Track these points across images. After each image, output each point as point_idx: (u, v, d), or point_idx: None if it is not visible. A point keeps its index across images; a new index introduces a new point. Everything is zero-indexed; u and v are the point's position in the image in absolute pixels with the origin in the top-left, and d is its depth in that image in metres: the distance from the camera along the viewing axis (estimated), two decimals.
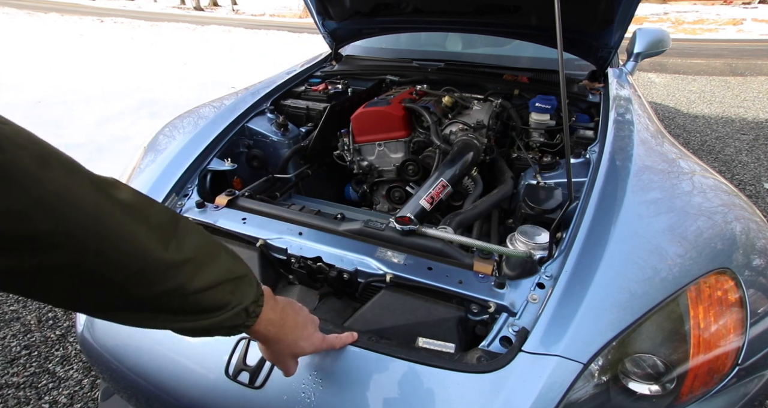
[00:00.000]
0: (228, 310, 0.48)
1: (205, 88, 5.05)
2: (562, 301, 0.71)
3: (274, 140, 1.45)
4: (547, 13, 1.45)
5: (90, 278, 0.37)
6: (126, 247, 0.38)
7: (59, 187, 0.34)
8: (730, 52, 9.12)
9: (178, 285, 0.43)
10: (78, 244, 0.35)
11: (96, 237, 0.36)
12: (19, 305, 1.78)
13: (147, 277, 0.40)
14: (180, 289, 0.43)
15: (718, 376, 0.69)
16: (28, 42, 7.74)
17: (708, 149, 3.70)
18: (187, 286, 0.43)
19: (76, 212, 0.35)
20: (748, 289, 0.74)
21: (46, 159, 0.34)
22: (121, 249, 0.38)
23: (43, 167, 0.33)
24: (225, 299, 0.48)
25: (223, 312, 0.48)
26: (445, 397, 0.65)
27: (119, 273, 0.38)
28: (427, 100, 1.54)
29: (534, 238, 0.87)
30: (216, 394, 0.72)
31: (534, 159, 1.29)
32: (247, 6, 21.89)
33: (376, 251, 0.89)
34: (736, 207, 0.92)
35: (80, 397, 1.40)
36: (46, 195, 0.33)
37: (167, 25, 12.21)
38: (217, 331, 0.49)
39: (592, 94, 1.58)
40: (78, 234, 0.35)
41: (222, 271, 0.48)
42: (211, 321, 0.47)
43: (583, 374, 0.64)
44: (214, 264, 0.47)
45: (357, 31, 1.93)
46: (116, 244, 0.38)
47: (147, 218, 0.41)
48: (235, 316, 0.49)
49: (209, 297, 0.46)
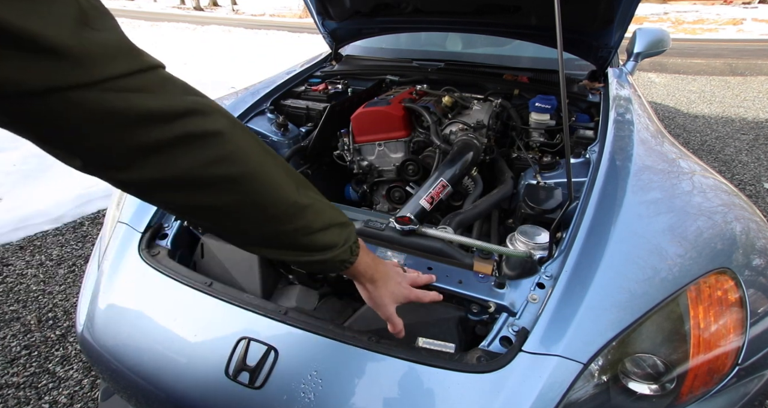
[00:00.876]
0: (339, 247, 0.58)
1: (205, 88, 5.03)
2: (562, 301, 0.71)
3: (274, 140, 1.45)
4: (547, 13, 1.45)
5: (257, 212, 0.49)
6: (280, 190, 0.50)
7: (243, 143, 0.46)
8: (730, 52, 9.12)
9: (305, 224, 0.53)
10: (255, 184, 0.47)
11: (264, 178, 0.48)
12: (19, 305, 1.78)
13: (289, 215, 0.51)
14: (306, 227, 0.53)
15: (718, 376, 0.69)
16: None
17: (708, 149, 3.70)
18: (311, 225, 0.54)
19: (253, 162, 0.47)
20: (748, 289, 0.74)
21: (234, 122, 0.46)
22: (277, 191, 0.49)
23: (233, 128, 0.45)
24: (335, 239, 0.58)
25: (335, 249, 0.58)
26: (445, 397, 0.65)
27: (275, 209, 0.50)
28: (427, 100, 1.54)
29: (534, 238, 0.87)
30: (216, 394, 0.72)
31: (534, 159, 1.29)
32: (247, 6, 21.89)
33: (376, 251, 0.89)
34: (736, 207, 0.92)
35: (80, 397, 1.40)
36: (236, 149, 0.45)
37: (167, 25, 12.22)
38: (330, 264, 0.59)
39: (592, 94, 1.57)
40: (256, 177, 0.47)
41: (332, 216, 0.58)
42: (327, 256, 0.57)
43: (583, 374, 0.64)
44: (326, 211, 0.57)
45: (357, 31, 1.93)
46: (275, 187, 0.49)
47: (286, 169, 0.53)
48: (343, 252, 0.59)
49: (325, 236, 0.56)
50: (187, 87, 0.43)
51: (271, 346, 0.73)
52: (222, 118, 0.44)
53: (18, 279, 1.94)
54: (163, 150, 0.40)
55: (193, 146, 0.41)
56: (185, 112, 0.40)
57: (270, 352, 0.72)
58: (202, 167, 0.42)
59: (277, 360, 0.72)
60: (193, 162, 0.41)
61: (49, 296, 1.84)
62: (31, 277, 1.95)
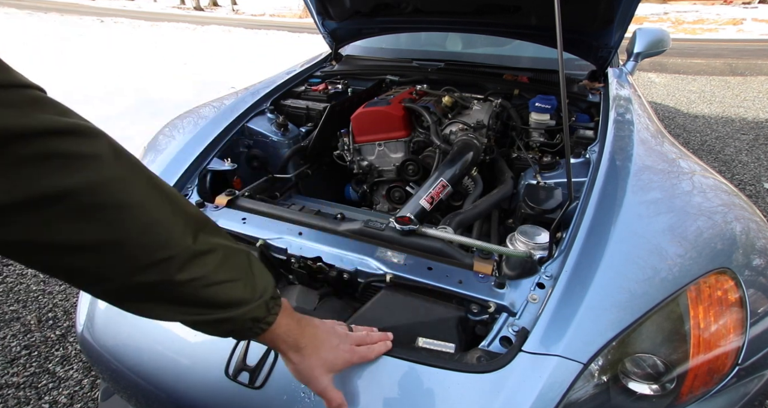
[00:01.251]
0: (250, 302, 0.50)
1: (205, 88, 5.05)
2: (562, 301, 0.71)
3: (274, 140, 1.45)
4: (547, 13, 1.45)
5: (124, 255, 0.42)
6: (164, 231, 0.44)
7: (126, 173, 0.42)
8: (730, 52, 9.12)
9: (204, 274, 0.46)
10: (128, 219, 0.41)
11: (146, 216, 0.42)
12: (19, 305, 1.78)
13: (181, 261, 0.44)
14: (204, 278, 0.46)
15: (718, 376, 0.69)
16: (28, 42, 7.73)
17: (708, 149, 3.70)
18: (210, 276, 0.47)
19: (136, 195, 0.42)
20: (748, 289, 0.74)
21: (119, 151, 0.42)
22: (160, 232, 0.43)
23: (117, 156, 0.41)
24: (245, 294, 0.50)
25: (245, 305, 0.50)
26: (445, 397, 0.65)
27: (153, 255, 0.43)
28: (427, 100, 1.54)
29: (534, 238, 0.87)
30: (216, 394, 0.72)
31: (534, 159, 1.29)
32: (247, 6, 21.89)
33: (376, 251, 0.89)
34: (736, 207, 0.92)
35: (80, 397, 1.40)
36: (115, 177, 0.40)
37: (167, 25, 12.22)
38: (239, 323, 0.50)
39: (592, 94, 1.57)
40: (134, 212, 0.41)
41: (243, 267, 0.51)
42: (233, 313, 0.49)
43: (583, 374, 0.64)
44: (236, 261, 0.50)
45: (357, 31, 1.93)
46: (160, 227, 0.43)
47: (183, 212, 0.47)
48: (257, 308, 0.51)
49: (232, 289, 0.49)
50: (68, 111, 0.40)
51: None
52: (104, 145, 0.40)
53: (18, 279, 1.94)
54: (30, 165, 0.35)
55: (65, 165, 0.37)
56: (61, 131, 0.37)
57: (270, 352, 0.72)
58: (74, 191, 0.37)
59: (277, 360, 0.72)
60: (62, 182, 0.36)
61: (49, 296, 1.84)
62: (31, 277, 1.95)
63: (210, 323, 0.49)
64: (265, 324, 0.53)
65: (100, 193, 0.39)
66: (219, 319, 0.49)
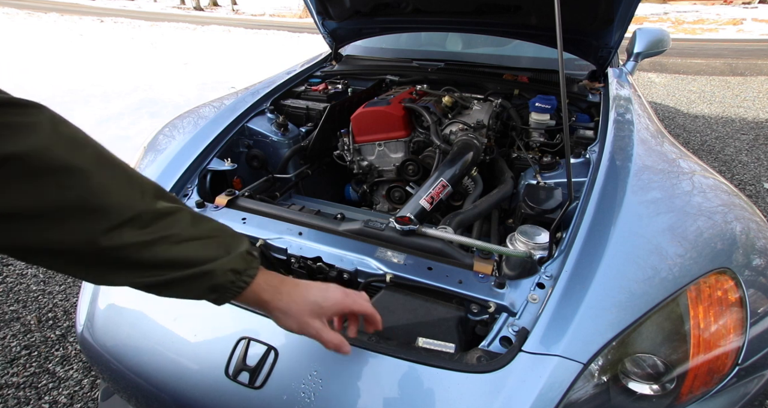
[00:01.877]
0: (227, 255, 0.49)
1: (205, 88, 5.05)
2: (562, 301, 0.71)
3: (274, 140, 1.45)
4: (547, 13, 1.45)
5: (83, 219, 0.42)
6: (121, 196, 0.44)
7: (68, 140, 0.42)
8: (730, 52, 9.11)
9: (173, 232, 0.46)
10: (78, 184, 0.41)
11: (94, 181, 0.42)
12: (19, 305, 1.78)
13: (139, 222, 0.44)
14: (176, 235, 0.46)
15: (718, 376, 0.69)
16: (28, 42, 7.73)
17: (708, 149, 3.70)
18: (182, 233, 0.46)
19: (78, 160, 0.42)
20: (748, 289, 0.74)
21: (60, 121, 0.43)
22: (116, 195, 0.44)
23: (57, 125, 0.42)
24: (221, 249, 0.49)
25: (221, 258, 0.49)
26: (445, 397, 0.65)
27: (112, 218, 0.43)
28: (427, 100, 1.54)
29: (534, 238, 0.87)
30: (216, 394, 0.72)
31: (534, 159, 1.29)
32: (247, 6, 21.89)
33: (376, 251, 0.89)
34: (736, 207, 0.92)
35: (80, 397, 1.40)
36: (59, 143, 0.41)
37: (167, 25, 12.21)
38: (220, 277, 0.49)
39: (592, 94, 1.58)
40: (80, 176, 0.42)
41: (215, 226, 0.51)
42: (211, 266, 0.48)
43: (583, 374, 0.64)
44: (206, 221, 0.50)
45: (357, 31, 1.93)
46: (112, 191, 0.44)
47: (141, 181, 0.47)
48: (234, 259, 0.50)
49: (206, 245, 0.48)
50: (7, 92, 0.41)
51: (271, 346, 0.73)
52: (43, 115, 0.42)
53: (18, 279, 1.94)
54: None
55: (4, 134, 0.38)
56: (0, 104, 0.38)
57: (270, 352, 0.72)
58: (15, 155, 0.38)
59: (277, 360, 0.72)
60: (3, 148, 0.38)
61: (49, 296, 1.84)
62: (31, 277, 1.95)
63: (190, 279, 0.47)
64: (248, 276, 0.51)
65: (43, 158, 0.40)
66: (198, 273, 0.47)
